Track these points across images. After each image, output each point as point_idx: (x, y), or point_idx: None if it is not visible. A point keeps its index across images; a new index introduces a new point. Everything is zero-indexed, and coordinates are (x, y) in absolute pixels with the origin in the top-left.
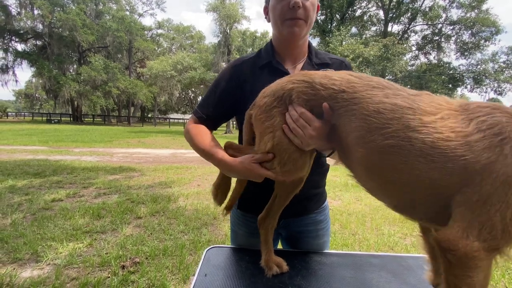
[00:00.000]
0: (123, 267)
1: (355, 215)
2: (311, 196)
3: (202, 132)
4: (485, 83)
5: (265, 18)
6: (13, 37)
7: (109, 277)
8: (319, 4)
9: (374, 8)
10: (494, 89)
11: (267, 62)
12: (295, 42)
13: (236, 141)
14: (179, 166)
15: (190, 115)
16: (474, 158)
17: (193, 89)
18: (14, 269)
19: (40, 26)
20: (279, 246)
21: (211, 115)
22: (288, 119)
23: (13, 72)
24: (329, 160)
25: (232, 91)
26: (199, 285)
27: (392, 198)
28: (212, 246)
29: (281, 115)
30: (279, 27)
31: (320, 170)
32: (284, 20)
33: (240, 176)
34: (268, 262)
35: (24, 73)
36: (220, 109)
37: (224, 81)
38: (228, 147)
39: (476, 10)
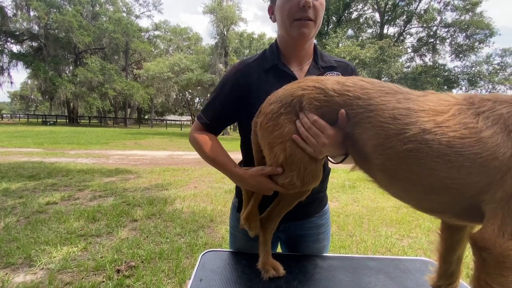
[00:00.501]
0: (118, 271)
1: (352, 217)
2: (313, 200)
3: (211, 142)
4: (480, 84)
5: (270, 18)
6: (9, 39)
7: (103, 281)
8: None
9: (370, 10)
10: (488, 90)
11: (272, 65)
12: (303, 44)
13: (232, 143)
14: (175, 168)
15: (194, 121)
16: (490, 155)
17: (190, 90)
18: (6, 274)
19: (36, 27)
20: (278, 250)
21: (215, 120)
22: (300, 127)
23: (8, 74)
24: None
25: (237, 95)
26: None
27: (417, 200)
28: (208, 250)
29: (290, 123)
30: (287, 27)
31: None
32: (293, 20)
33: (251, 188)
34: (265, 265)
35: (20, 75)
36: (224, 115)
37: (228, 86)
38: None
39: (470, 13)
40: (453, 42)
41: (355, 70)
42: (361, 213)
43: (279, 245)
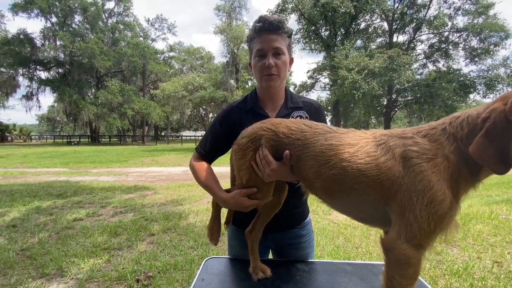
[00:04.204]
0: (137, 280)
1: (360, 228)
2: (292, 214)
3: (204, 169)
4: (498, 88)
5: (250, 70)
6: (38, 66)
7: None
8: (292, 58)
9: (378, 20)
10: None
11: (251, 107)
12: (271, 92)
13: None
14: (190, 183)
15: (193, 152)
16: (384, 176)
17: (203, 107)
18: (42, 283)
19: (62, 55)
20: (270, 256)
21: (209, 151)
22: (257, 157)
23: (37, 99)
24: None
25: (224, 132)
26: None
27: (352, 213)
28: (210, 257)
29: (252, 154)
30: (259, 80)
31: (296, 193)
32: (262, 75)
33: (233, 208)
34: (255, 269)
35: (47, 99)
36: (215, 146)
37: (218, 124)
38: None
39: (483, 16)
40: (466, 47)
41: (318, 107)
42: None
43: (270, 252)
